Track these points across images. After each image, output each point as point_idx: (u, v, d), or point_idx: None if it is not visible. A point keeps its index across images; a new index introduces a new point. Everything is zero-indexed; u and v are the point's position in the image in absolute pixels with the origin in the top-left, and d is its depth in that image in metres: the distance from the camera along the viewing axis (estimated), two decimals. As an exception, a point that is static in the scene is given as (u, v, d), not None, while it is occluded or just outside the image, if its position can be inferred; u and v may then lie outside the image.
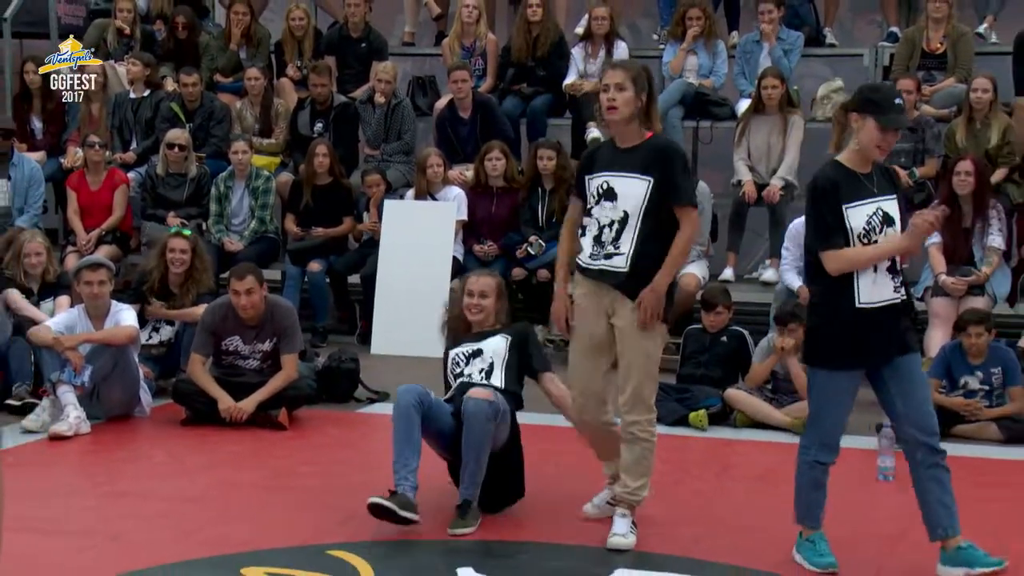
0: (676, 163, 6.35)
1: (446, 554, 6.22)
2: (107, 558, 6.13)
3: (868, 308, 5.83)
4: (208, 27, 13.58)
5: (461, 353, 6.98)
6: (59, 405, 8.48)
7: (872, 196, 5.95)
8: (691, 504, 6.84)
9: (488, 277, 7.18)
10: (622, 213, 6.26)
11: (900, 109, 6.03)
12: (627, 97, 6.22)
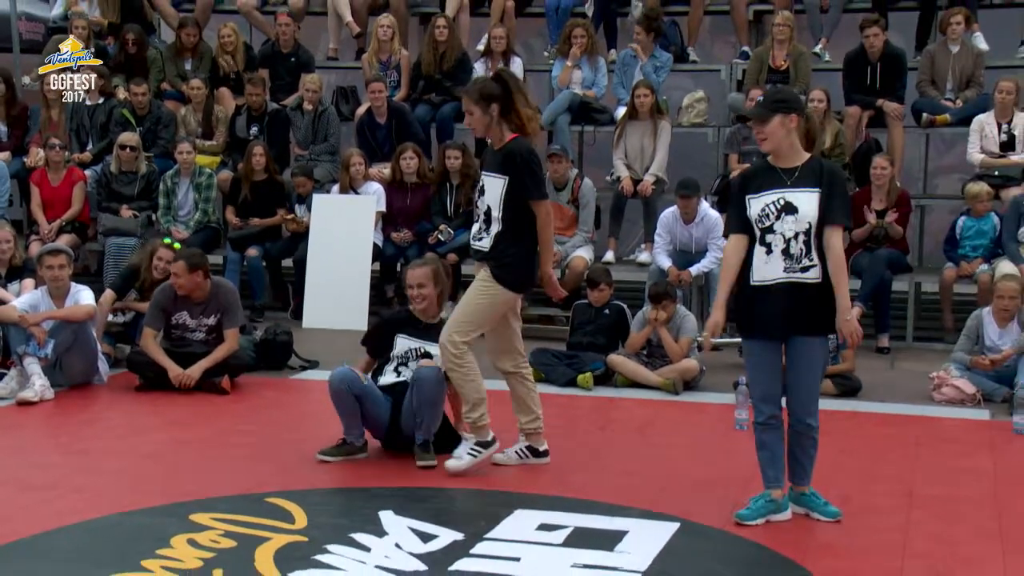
0: (524, 159, 6.50)
1: (370, 499, 6.24)
2: (71, 507, 6.09)
3: (759, 285, 5.81)
4: (154, 42, 13.41)
5: (413, 351, 6.97)
6: (25, 375, 8.41)
7: (782, 187, 5.81)
8: (579, 453, 6.94)
9: (421, 268, 7.08)
10: (487, 205, 6.53)
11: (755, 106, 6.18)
12: (476, 118, 6.56)
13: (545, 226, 6.55)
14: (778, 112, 5.81)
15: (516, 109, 6.53)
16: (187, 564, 5.26)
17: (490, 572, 5.21)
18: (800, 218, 5.74)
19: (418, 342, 6.99)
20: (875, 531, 5.85)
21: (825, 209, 5.76)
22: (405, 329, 7.08)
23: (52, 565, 5.29)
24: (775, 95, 6.28)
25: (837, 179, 5.94)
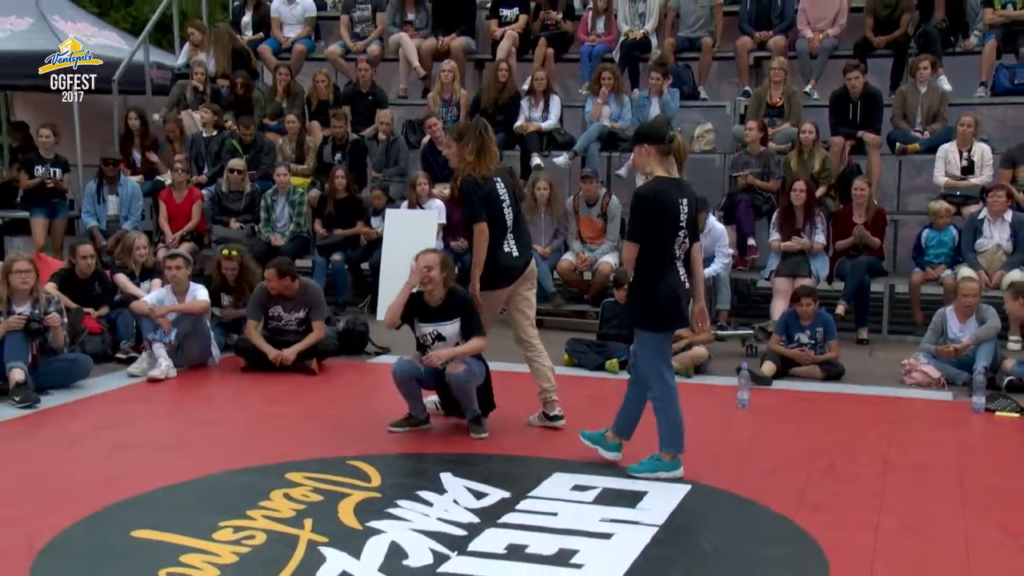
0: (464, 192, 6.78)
1: (432, 463, 6.26)
2: (191, 466, 6.16)
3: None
4: (258, 85, 13.50)
5: (428, 335, 6.83)
6: (154, 357, 8.49)
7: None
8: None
9: (432, 254, 6.91)
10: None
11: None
12: (453, 151, 6.92)
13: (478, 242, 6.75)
14: (640, 141, 5.95)
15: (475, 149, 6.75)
16: (283, 514, 5.30)
17: (532, 524, 5.22)
18: None
19: (431, 326, 6.83)
20: (857, 493, 5.83)
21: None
22: (418, 314, 6.87)
23: (176, 512, 5.33)
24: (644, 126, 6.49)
25: (634, 200, 5.89)
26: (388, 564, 4.69)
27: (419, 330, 6.88)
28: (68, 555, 4.81)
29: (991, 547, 5.07)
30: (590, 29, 12.98)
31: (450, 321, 6.80)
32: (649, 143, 5.87)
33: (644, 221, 5.80)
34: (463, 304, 6.84)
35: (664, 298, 5.81)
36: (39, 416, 7.37)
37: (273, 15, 13.96)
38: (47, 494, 5.62)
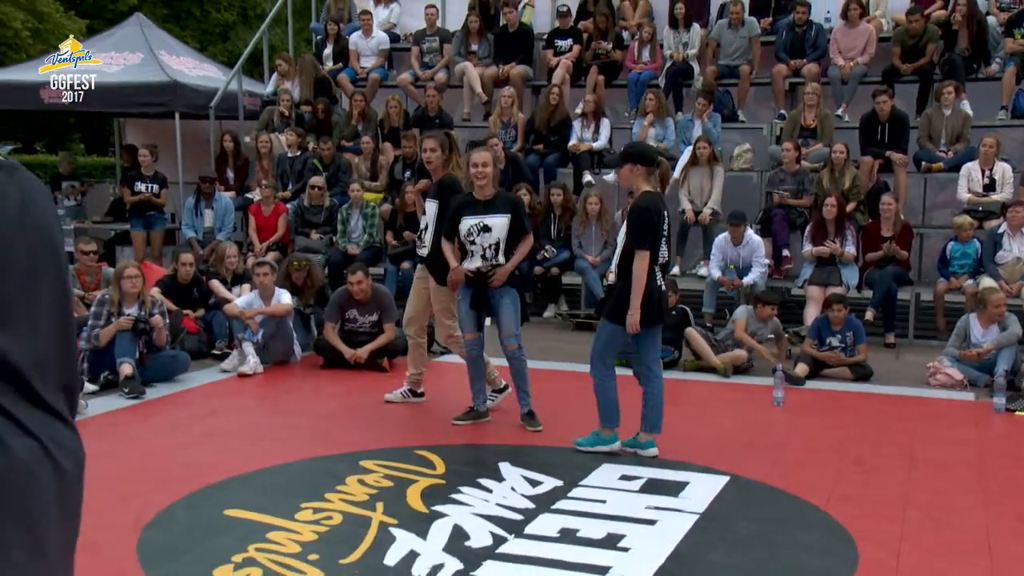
0: (450, 191, 6.89)
1: (492, 453, 6.28)
2: (275, 453, 6.22)
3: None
4: (337, 110, 13.63)
5: (474, 226, 6.57)
6: (243, 354, 8.59)
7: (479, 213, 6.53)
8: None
9: (485, 151, 6.82)
10: (425, 224, 7.00)
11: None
12: (437, 155, 6.94)
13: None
14: (625, 161, 6.08)
15: (456, 155, 7.02)
16: (357, 497, 5.34)
17: (583, 511, 5.21)
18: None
19: (477, 218, 6.58)
20: (883, 485, 5.76)
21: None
22: (466, 209, 6.61)
23: (261, 495, 5.39)
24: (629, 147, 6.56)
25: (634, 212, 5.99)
26: (451, 545, 4.71)
27: (464, 225, 6.60)
28: (170, 530, 4.89)
29: (1011, 536, 4.98)
30: (637, 58, 12.96)
31: (498, 215, 6.62)
32: (640, 164, 6.07)
33: (645, 229, 5.93)
34: (512, 201, 6.82)
35: (645, 299, 5.92)
36: (145, 406, 7.51)
37: (351, 47, 14.09)
38: (152, 475, 5.72)
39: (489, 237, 6.58)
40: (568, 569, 4.45)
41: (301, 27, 15.95)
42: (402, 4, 14.77)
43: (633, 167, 6.07)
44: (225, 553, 4.54)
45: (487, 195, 6.63)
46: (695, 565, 4.57)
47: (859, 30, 12.19)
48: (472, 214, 6.60)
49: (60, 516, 2.17)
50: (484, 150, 6.87)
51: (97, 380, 7.80)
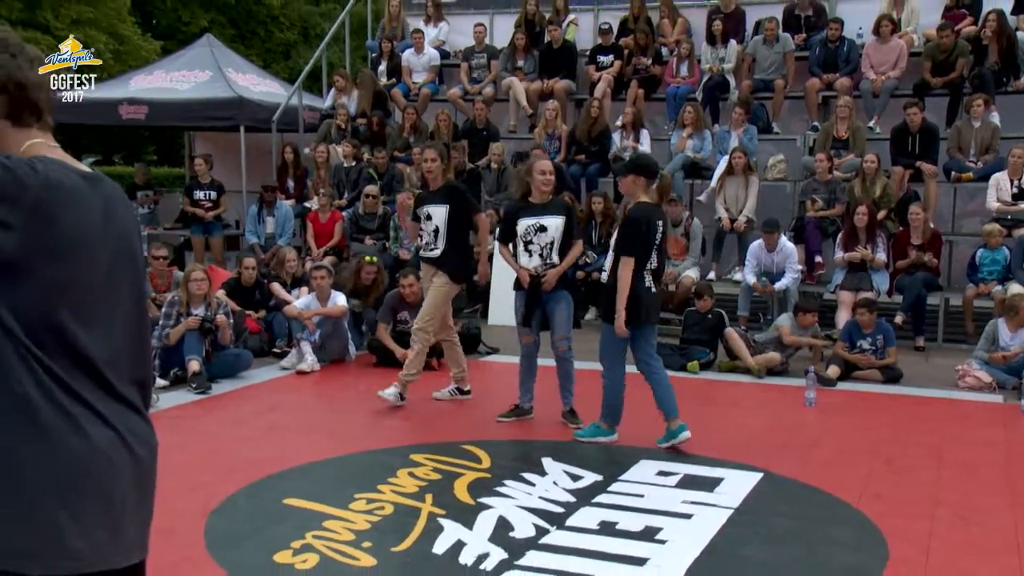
0: (461, 191, 7.14)
1: (535, 448, 6.28)
2: (330, 446, 6.27)
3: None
4: (390, 123, 13.71)
5: (531, 226, 6.63)
6: (301, 353, 8.66)
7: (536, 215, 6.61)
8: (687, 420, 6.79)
9: (548, 161, 6.91)
10: (435, 227, 7.00)
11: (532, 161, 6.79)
12: (436, 165, 7.07)
13: (486, 231, 7.19)
14: (629, 172, 6.19)
15: (451, 165, 7.17)
16: (408, 489, 5.36)
17: (622, 504, 5.20)
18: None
19: (534, 218, 6.64)
20: (913, 484, 5.68)
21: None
22: (522, 212, 6.69)
23: (318, 486, 5.44)
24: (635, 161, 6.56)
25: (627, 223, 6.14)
26: (496, 535, 4.71)
27: (521, 226, 6.66)
28: (234, 516, 4.95)
29: (1036, 535, 4.90)
30: (676, 73, 12.90)
31: (554, 216, 6.64)
32: (643, 175, 6.19)
33: (633, 238, 6.07)
34: (565, 205, 6.86)
35: (633, 301, 6.04)
36: (210, 401, 7.60)
37: (404, 64, 14.17)
38: (217, 466, 5.79)
39: (545, 236, 6.62)
40: (607, 560, 4.44)
41: (357, 45, 16.07)
42: (451, 23, 14.82)
43: (636, 178, 6.17)
44: (284, 539, 4.58)
45: (543, 199, 6.68)
46: (730, 558, 4.54)
47: (891, 45, 12.04)
48: (529, 215, 6.64)
49: (136, 500, 2.21)
50: (545, 158, 6.96)
51: (167, 376, 7.91)
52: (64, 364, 2.09)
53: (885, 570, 4.43)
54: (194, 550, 4.47)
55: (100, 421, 2.13)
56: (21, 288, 2.04)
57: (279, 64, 27.59)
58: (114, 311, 2.21)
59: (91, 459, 2.10)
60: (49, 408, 2.06)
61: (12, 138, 2.14)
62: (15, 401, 2.05)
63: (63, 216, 2.07)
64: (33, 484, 2.05)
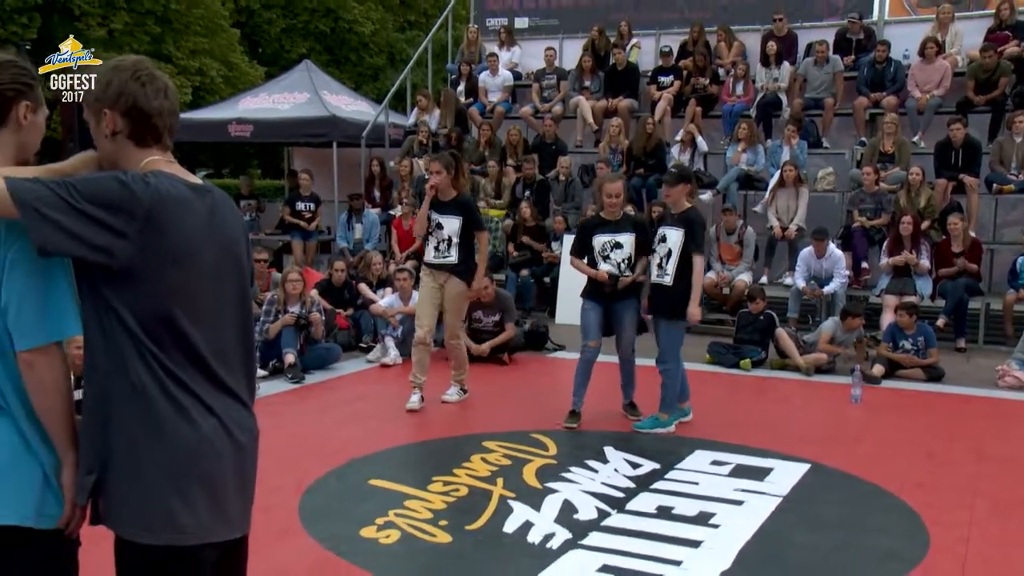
0: (472, 207, 6.89)
1: (598, 438, 6.24)
2: (411, 433, 6.32)
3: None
4: (468, 138, 13.76)
5: (607, 243, 6.47)
6: (385, 348, 8.73)
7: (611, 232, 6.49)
8: (740, 413, 6.73)
9: (618, 182, 6.67)
10: (447, 236, 6.78)
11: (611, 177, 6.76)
12: (442, 177, 6.70)
13: (484, 246, 6.92)
14: (680, 182, 6.35)
15: (462, 175, 6.88)
16: (481, 473, 5.38)
17: (678, 491, 5.15)
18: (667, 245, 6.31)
19: (609, 235, 6.47)
20: (954, 477, 5.52)
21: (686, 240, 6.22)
22: (597, 229, 6.51)
23: (399, 468, 5.49)
24: (682, 171, 6.75)
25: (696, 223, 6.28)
26: (561, 517, 4.70)
27: (597, 243, 6.51)
28: (325, 495, 5.02)
29: (1073, 528, 4.73)
30: (731, 91, 12.74)
31: (627, 233, 6.48)
32: (690, 184, 6.54)
33: (704, 237, 6.39)
34: (639, 222, 6.74)
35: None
36: (304, 390, 7.71)
37: (480, 84, 14.21)
38: (310, 448, 5.87)
39: (621, 253, 6.47)
40: (664, 542, 4.40)
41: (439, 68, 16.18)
42: (524, 47, 14.83)
43: (684, 186, 6.40)
44: (370, 516, 4.63)
45: (615, 216, 6.56)
46: (779, 542, 4.46)
47: (936, 66, 11.73)
48: (604, 232, 6.51)
49: (237, 482, 2.25)
50: (618, 180, 6.84)
51: (266, 367, 8.04)
52: (176, 359, 2.13)
53: (926, 556, 4.32)
54: (290, 524, 4.54)
55: (206, 411, 2.17)
56: (138, 290, 2.09)
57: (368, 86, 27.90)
58: (221, 309, 2.24)
59: (198, 446, 2.15)
60: (163, 399, 2.11)
61: (133, 156, 2.20)
62: (134, 393, 2.10)
63: (172, 224, 2.11)
64: (150, 469, 2.11)
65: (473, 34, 14.95)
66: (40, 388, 2.07)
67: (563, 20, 15.03)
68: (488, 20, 15.52)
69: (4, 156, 2.16)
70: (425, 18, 30.74)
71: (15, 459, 2.08)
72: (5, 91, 2.14)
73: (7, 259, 2.04)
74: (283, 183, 17.58)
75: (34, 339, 2.05)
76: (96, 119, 2.18)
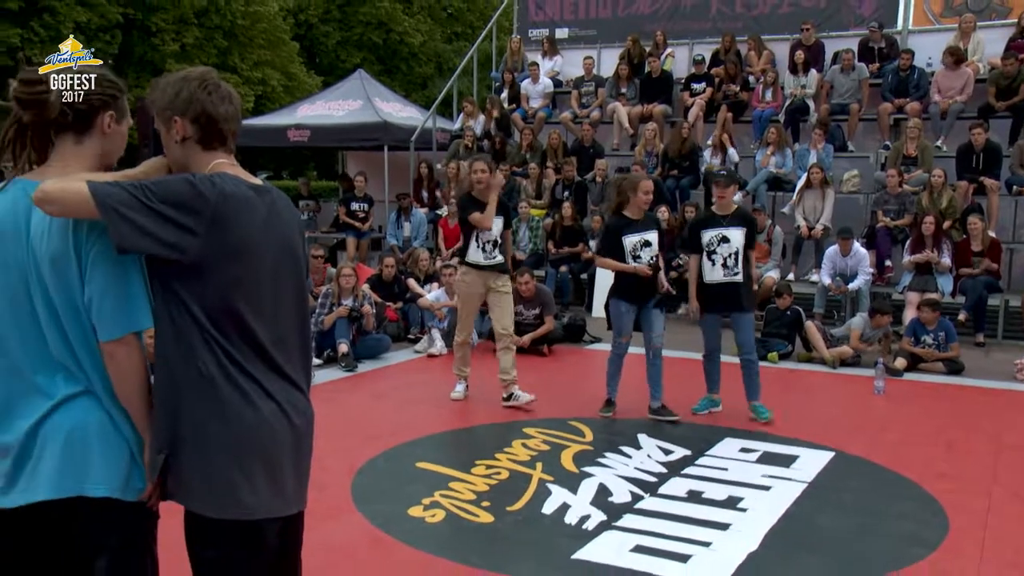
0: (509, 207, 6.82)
1: (631, 426, 6.20)
2: (453, 418, 6.32)
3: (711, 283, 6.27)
4: (510, 142, 13.74)
5: (637, 243, 6.18)
6: (432, 339, 8.75)
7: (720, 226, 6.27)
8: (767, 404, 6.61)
9: (651, 181, 6.44)
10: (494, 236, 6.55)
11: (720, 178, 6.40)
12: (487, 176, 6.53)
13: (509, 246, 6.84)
14: (732, 183, 6.34)
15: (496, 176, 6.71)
16: (521, 457, 5.37)
17: (708, 476, 5.10)
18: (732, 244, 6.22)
19: (638, 235, 6.19)
20: (973, 465, 5.42)
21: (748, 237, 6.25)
22: (625, 229, 6.20)
23: (444, 452, 5.51)
24: (732, 174, 6.67)
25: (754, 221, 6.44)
26: (597, 499, 4.69)
27: (627, 243, 6.17)
28: (375, 475, 5.05)
29: (1090, 517, 4.62)
30: (761, 98, 12.58)
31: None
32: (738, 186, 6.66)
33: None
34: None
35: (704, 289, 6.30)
36: (356, 378, 7.76)
37: (523, 91, 14.19)
38: (361, 432, 5.91)
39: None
40: (694, 524, 4.37)
41: (483, 76, 16.14)
42: (564, 56, 14.77)
43: (735, 188, 6.47)
44: (417, 496, 4.65)
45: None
46: (804, 526, 4.41)
47: (958, 73, 11.49)
48: (633, 232, 6.23)
49: (294, 461, 2.27)
50: (648, 178, 6.65)
51: (321, 355, 8.11)
52: (239, 347, 2.16)
53: (945, 539, 4.24)
54: (342, 502, 4.58)
55: (266, 395, 2.20)
56: (205, 284, 2.12)
57: (417, 93, 28.00)
58: (280, 301, 2.27)
59: (259, 428, 2.17)
60: (227, 385, 2.14)
61: (201, 159, 2.23)
62: (200, 379, 2.13)
63: (236, 222, 2.14)
64: (215, 449, 2.14)
65: (516, 44, 14.93)
66: (121, 376, 2.12)
67: (601, 31, 14.93)
68: (530, 31, 15.47)
69: (88, 161, 2.20)
70: (471, 30, 30.75)
71: (105, 438, 2.14)
72: (93, 100, 2.19)
73: (89, 258, 2.08)
74: (337, 184, 17.70)
75: (114, 331, 2.09)
76: (167, 126, 2.22)
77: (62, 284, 2.08)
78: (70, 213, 2.04)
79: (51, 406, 2.12)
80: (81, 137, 2.20)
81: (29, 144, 2.20)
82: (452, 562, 3.90)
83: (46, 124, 2.18)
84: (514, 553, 4.05)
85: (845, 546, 4.17)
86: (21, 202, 2.13)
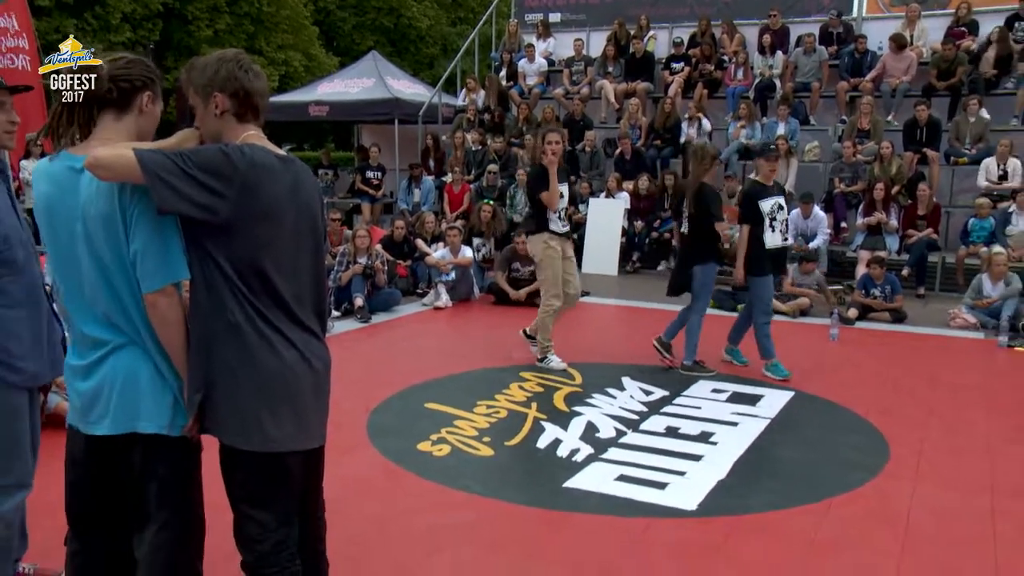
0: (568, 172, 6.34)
1: (617, 370, 6.18)
2: (458, 364, 6.27)
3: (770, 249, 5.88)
4: (508, 116, 13.55)
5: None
6: (438, 293, 8.69)
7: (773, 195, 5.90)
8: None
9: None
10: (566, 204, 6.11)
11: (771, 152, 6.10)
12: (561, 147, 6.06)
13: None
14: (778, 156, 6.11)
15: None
16: (518, 398, 5.36)
17: (683, 414, 5.10)
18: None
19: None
20: (912, 402, 5.42)
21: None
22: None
23: (451, 393, 5.48)
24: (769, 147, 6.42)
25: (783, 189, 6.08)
26: (585, 435, 4.68)
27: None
28: (389, 414, 5.03)
29: (1007, 441, 4.65)
30: (733, 76, 12.40)
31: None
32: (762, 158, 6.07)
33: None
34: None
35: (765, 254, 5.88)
36: (371, 328, 7.71)
37: (519, 70, 13.94)
38: (376, 376, 5.89)
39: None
40: (671, 456, 4.36)
41: (484, 56, 15.86)
42: (557, 38, 14.51)
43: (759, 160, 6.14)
44: (425, 433, 4.64)
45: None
46: (767, 456, 4.41)
47: (904, 56, 11.34)
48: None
49: (315, 401, 2.25)
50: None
51: (339, 309, 8.06)
52: (264, 301, 2.14)
53: (886, 465, 4.26)
54: (359, 438, 4.57)
55: (288, 343, 2.17)
56: (233, 243, 2.09)
57: (425, 72, 27.57)
58: (300, 261, 2.23)
59: (282, 371, 2.16)
60: (253, 334, 2.12)
61: (235, 130, 2.21)
62: (230, 328, 2.11)
63: (263, 188, 2.11)
64: (244, 390, 2.13)
65: (513, 27, 14.65)
66: (163, 323, 2.12)
67: (590, 15, 14.67)
68: (527, 15, 15.18)
69: (126, 137, 2.19)
70: (472, 14, 30.25)
71: (153, 383, 2.16)
72: (135, 80, 2.20)
73: (133, 218, 2.07)
74: (352, 155, 17.50)
75: (155, 282, 2.08)
76: (205, 101, 2.19)
77: (112, 243, 2.09)
78: (118, 177, 2.03)
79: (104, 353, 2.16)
80: (121, 115, 2.20)
81: (76, 120, 2.20)
82: (457, 490, 3.90)
83: (91, 101, 2.18)
84: (512, 482, 4.05)
85: (801, 472, 4.18)
86: (69, 171, 2.13)
